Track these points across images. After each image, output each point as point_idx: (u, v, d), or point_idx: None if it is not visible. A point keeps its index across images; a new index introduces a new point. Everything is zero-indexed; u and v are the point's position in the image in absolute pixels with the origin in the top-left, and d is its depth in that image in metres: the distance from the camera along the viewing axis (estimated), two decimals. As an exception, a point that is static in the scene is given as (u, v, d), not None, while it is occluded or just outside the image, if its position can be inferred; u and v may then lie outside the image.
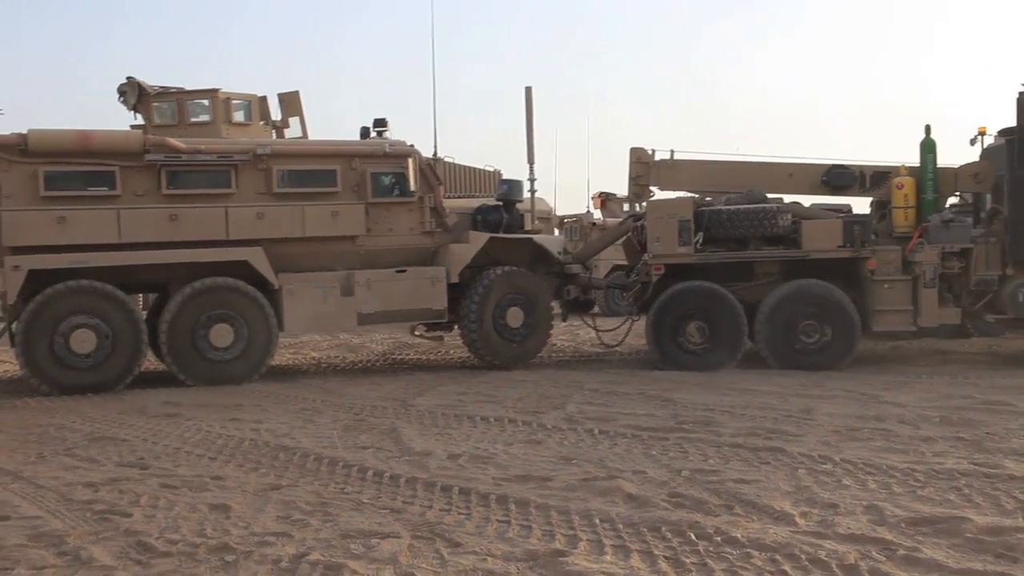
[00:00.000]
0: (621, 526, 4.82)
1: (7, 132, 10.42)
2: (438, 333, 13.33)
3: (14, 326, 10.61)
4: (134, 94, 11.52)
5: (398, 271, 11.60)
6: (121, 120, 11.96)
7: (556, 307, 13.10)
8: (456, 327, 12.43)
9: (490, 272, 11.88)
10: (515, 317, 11.97)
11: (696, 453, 6.58)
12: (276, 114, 12.25)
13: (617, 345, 12.88)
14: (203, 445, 7.27)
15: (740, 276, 11.62)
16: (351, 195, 11.47)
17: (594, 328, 13.13)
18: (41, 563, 4.45)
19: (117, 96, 11.77)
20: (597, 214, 22.55)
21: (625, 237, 12.94)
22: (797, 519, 4.88)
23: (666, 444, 6.89)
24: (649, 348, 11.80)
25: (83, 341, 10.32)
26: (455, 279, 11.76)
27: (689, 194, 12.22)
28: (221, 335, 10.79)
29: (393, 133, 12.14)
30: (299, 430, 7.78)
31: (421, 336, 13.82)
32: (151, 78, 11.66)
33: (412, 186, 11.72)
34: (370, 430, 7.73)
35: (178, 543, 4.69)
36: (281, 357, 14.78)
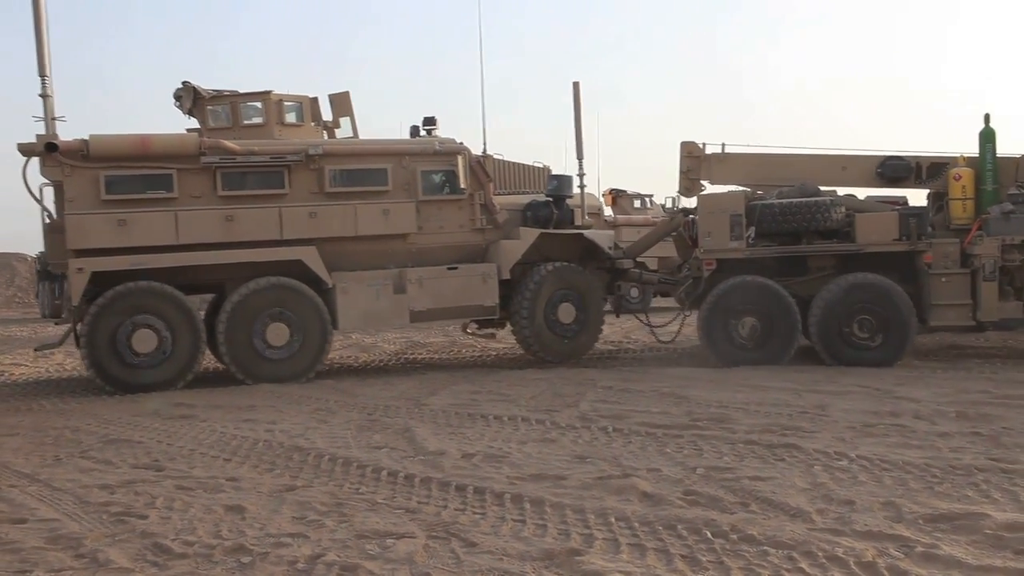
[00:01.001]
0: (636, 524, 4.81)
1: (70, 138, 10.61)
2: (490, 330, 13.44)
3: (79, 327, 10.79)
4: (189, 98, 11.76)
5: (449, 268, 11.68)
6: (177, 124, 12.25)
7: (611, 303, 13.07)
8: (508, 324, 12.48)
9: (541, 268, 11.90)
10: (567, 313, 11.99)
11: (711, 450, 6.56)
12: (327, 115, 12.39)
13: (671, 341, 12.72)
14: (218, 446, 7.29)
15: (793, 271, 11.47)
16: (402, 193, 11.56)
17: (648, 324, 13.02)
18: (59, 565, 4.47)
19: (173, 101, 12.00)
20: (608, 211, 22.50)
21: (676, 232, 12.83)
22: (813, 516, 4.85)
23: (681, 441, 6.87)
24: (700, 344, 11.66)
25: (144, 341, 10.52)
26: (506, 275, 11.82)
27: (740, 188, 12.10)
28: (277, 334, 10.95)
29: (442, 131, 12.22)
30: (313, 430, 7.79)
31: (473, 333, 13.89)
32: (204, 82, 11.93)
33: (462, 183, 11.80)
34: (384, 430, 7.73)
35: (194, 545, 4.70)
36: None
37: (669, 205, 24.93)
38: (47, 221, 11.09)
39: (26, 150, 10.48)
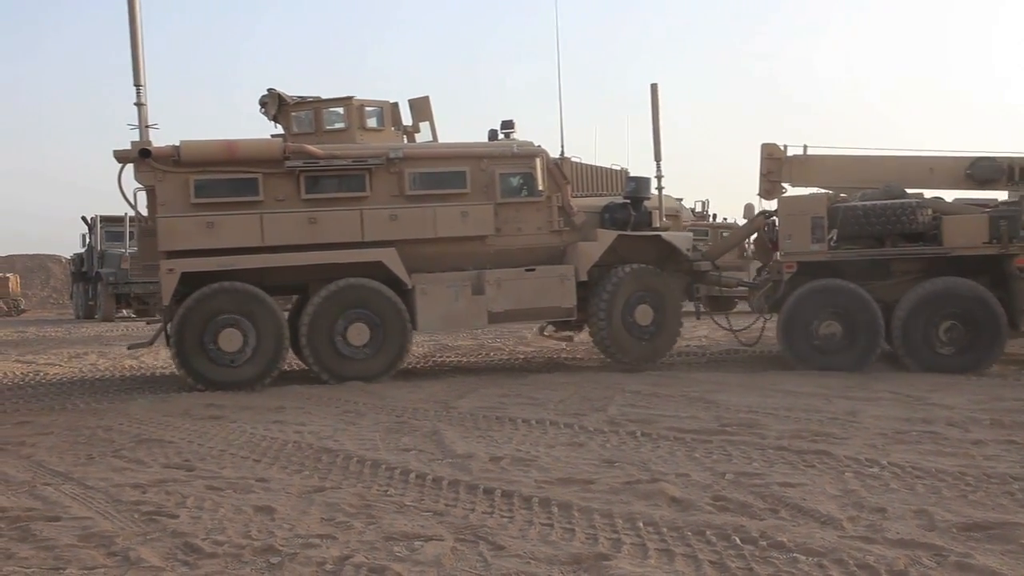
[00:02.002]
0: (665, 530, 4.78)
1: (162, 144, 10.93)
2: (567, 333, 13.48)
3: (169, 327, 11.07)
4: (274, 105, 12.04)
5: (527, 270, 11.73)
6: (263, 130, 12.63)
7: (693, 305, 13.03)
8: (585, 326, 12.50)
9: (619, 270, 11.89)
10: (644, 315, 11.96)
11: (740, 456, 6.51)
12: (407, 119, 12.55)
13: (753, 344, 12.61)
14: (247, 447, 7.35)
15: (876, 274, 11.27)
16: (480, 196, 11.66)
17: (729, 328, 12.93)
18: (92, 563, 4.52)
19: (259, 107, 12.28)
20: None
21: (756, 235, 12.73)
22: (844, 523, 4.80)
23: (709, 447, 6.83)
24: (780, 348, 11.53)
25: (230, 340, 10.79)
26: (584, 277, 11.83)
27: (822, 190, 11.96)
28: (358, 334, 11.12)
29: (520, 134, 12.27)
30: (342, 432, 7.83)
31: (550, 336, 13.91)
32: (288, 88, 12.18)
33: (540, 186, 11.85)
34: (412, 432, 7.75)
35: (224, 544, 4.73)
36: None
37: (699, 209, 24.84)
38: (140, 225, 11.53)
39: (121, 156, 10.85)
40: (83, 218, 31.18)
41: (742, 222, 15.39)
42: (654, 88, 13.06)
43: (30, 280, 45.38)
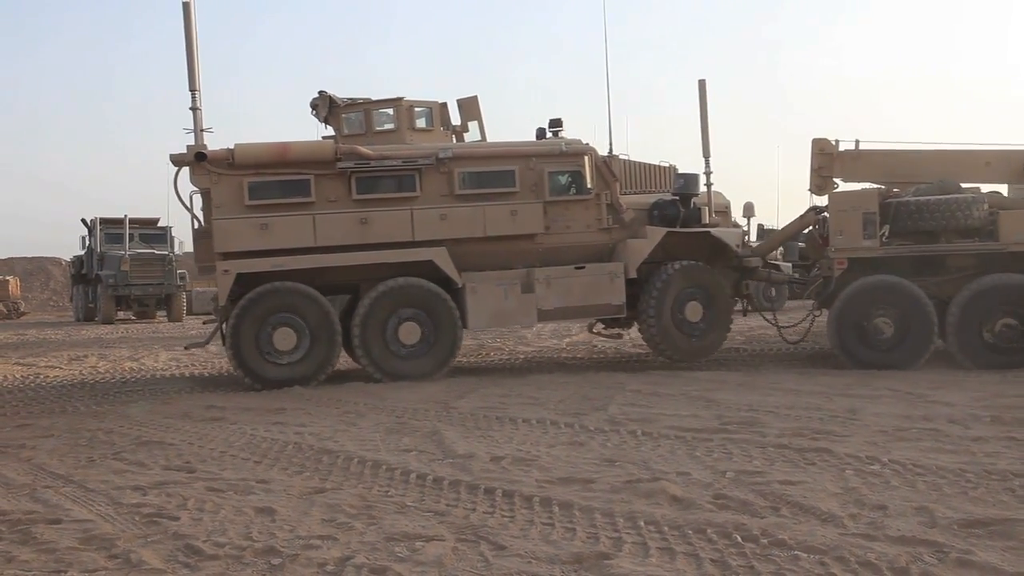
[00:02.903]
0: (666, 528, 4.78)
1: (217, 148, 11.08)
2: (617, 330, 13.50)
3: (224, 327, 11.24)
4: (325, 107, 12.20)
5: (577, 267, 11.76)
6: (313, 132, 12.81)
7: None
8: (635, 324, 12.51)
9: (668, 267, 11.86)
10: (694, 312, 11.91)
11: (741, 454, 6.51)
12: (456, 119, 12.64)
13: (800, 341, 12.52)
14: (248, 449, 7.35)
15: (929, 270, 11.13)
16: (529, 194, 11.70)
17: (775, 324, 12.80)
18: (93, 566, 4.52)
19: (310, 110, 12.44)
20: None
21: (807, 230, 12.58)
22: (845, 521, 4.80)
23: (710, 445, 6.83)
24: (830, 345, 11.44)
25: (285, 339, 10.94)
26: (633, 274, 11.81)
27: (874, 185, 11.89)
28: (409, 333, 11.22)
29: (568, 132, 12.31)
30: (342, 433, 7.82)
31: (599, 334, 13.90)
32: (337, 90, 12.33)
33: (589, 183, 11.87)
34: (412, 433, 7.75)
35: (225, 546, 4.73)
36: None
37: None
38: (195, 227, 11.68)
39: (177, 160, 11.02)
40: (83, 220, 31.22)
41: (742, 221, 15.36)
42: (702, 84, 13.04)
43: (30, 283, 45.36)
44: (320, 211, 11.12)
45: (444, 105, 12.48)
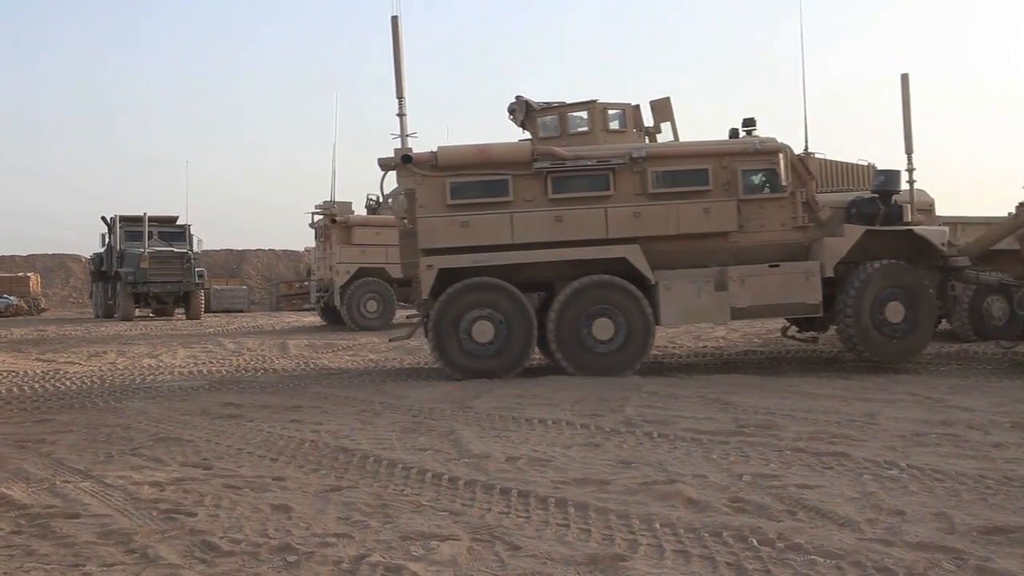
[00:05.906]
0: (682, 531, 4.77)
1: (421, 151, 11.53)
2: (812, 333, 13.29)
3: (427, 319, 11.57)
4: (522, 111, 12.64)
5: (771, 266, 11.69)
6: (511, 135, 13.18)
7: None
8: (830, 326, 12.40)
9: (867, 266, 11.66)
10: (895, 312, 11.64)
11: (757, 457, 6.48)
12: (648, 121, 12.80)
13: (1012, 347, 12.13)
14: (265, 446, 7.38)
15: None
16: (723, 193, 11.72)
17: (1007, 348, 12.26)
18: (111, 560, 4.55)
19: (508, 115, 12.87)
20: None
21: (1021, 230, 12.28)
22: (863, 526, 4.77)
23: (727, 448, 6.80)
24: None
25: (483, 331, 11.33)
26: (830, 273, 11.66)
27: None
28: (603, 328, 11.37)
29: (763, 131, 12.29)
30: (358, 432, 7.84)
31: (793, 337, 13.79)
32: (534, 96, 12.73)
33: (783, 182, 11.84)
34: (428, 432, 7.76)
35: (241, 543, 4.75)
36: (340, 360, 14.95)
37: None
38: (401, 227, 12.27)
39: (385, 164, 11.59)
40: (103, 218, 31.47)
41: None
42: (904, 78, 12.89)
43: (50, 279, 45.75)
44: (517, 210, 11.49)
45: (637, 107, 12.67)
